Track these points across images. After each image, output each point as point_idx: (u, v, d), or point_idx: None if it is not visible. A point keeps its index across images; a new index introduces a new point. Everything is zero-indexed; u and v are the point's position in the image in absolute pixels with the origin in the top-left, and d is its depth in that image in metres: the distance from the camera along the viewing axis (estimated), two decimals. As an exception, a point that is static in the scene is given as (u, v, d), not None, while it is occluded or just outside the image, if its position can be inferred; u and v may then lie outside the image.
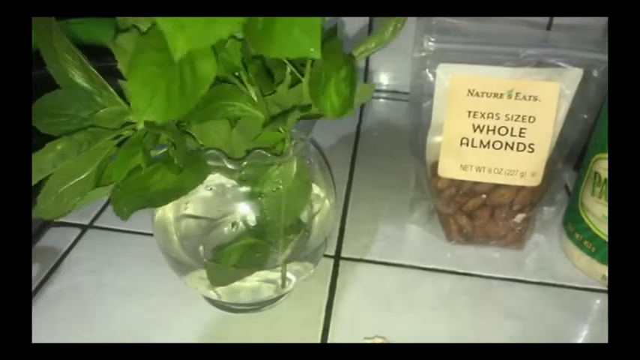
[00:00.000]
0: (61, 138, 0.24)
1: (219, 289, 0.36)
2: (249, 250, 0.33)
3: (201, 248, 0.37)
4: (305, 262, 0.38)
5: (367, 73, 0.72)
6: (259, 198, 0.34)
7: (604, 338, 0.38)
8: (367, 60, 0.72)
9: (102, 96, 0.25)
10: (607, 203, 0.40)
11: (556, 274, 0.44)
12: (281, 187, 0.33)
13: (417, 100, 0.43)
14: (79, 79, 0.24)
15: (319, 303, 0.40)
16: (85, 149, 0.24)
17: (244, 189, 0.34)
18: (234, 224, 0.34)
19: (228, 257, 0.32)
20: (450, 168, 0.43)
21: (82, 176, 0.25)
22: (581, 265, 0.43)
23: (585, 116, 0.42)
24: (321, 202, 0.38)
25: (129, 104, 0.26)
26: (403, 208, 0.50)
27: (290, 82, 0.30)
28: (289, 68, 0.29)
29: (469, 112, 0.42)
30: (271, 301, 0.40)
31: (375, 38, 0.30)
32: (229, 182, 0.35)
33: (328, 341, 0.37)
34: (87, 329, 0.37)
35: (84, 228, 0.47)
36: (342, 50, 0.28)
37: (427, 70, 0.41)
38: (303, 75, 0.28)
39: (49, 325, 0.37)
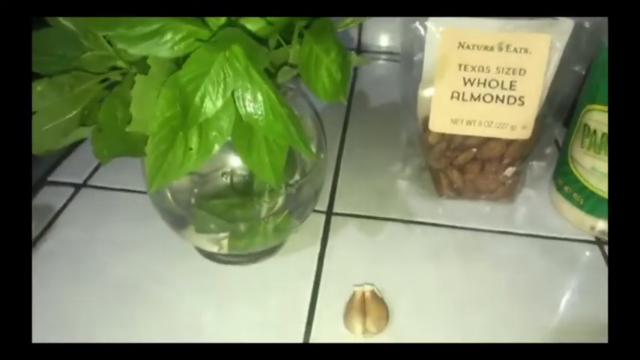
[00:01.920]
0: (41, 79, 0.24)
1: (223, 242, 0.37)
2: (231, 208, 0.33)
3: (192, 201, 0.37)
4: (295, 215, 0.39)
5: (361, 32, 0.72)
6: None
7: (591, 288, 0.39)
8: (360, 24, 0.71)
9: (88, 39, 0.25)
10: (596, 155, 0.40)
11: (545, 227, 0.44)
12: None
13: (408, 54, 0.43)
14: (65, 20, 0.24)
15: (311, 255, 0.41)
16: (68, 91, 0.24)
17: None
18: (224, 174, 0.34)
19: (214, 209, 0.32)
20: (440, 122, 0.43)
21: (67, 116, 0.25)
22: (570, 218, 0.44)
23: (576, 68, 0.42)
24: (314, 156, 0.38)
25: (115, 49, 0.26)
26: (395, 165, 0.50)
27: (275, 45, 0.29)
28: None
29: (460, 65, 0.41)
30: (264, 254, 0.40)
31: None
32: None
33: (319, 291, 0.38)
34: (82, 284, 0.38)
35: (77, 187, 0.47)
36: (332, 31, 0.28)
37: (417, 23, 0.41)
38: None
39: (44, 281, 0.38)
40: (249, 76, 0.25)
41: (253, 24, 0.26)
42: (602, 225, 0.42)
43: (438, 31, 0.41)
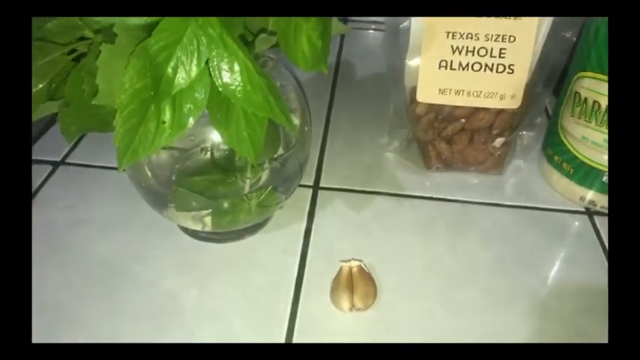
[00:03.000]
0: (3, 51, 0.22)
1: (207, 220, 0.36)
2: (213, 184, 0.32)
3: (173, 178, 0.36)
4: (280, 190, 0.38)
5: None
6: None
7: (580, 258, 0.39)
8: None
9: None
10: (587, 123, 0.39)
11: (535, 198, 0.44)
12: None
13: (394, 21, 0.41)
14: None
15: (298, 231, 0.40)
16: (32, 64, 0.22)
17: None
18: (203, 149, 0.33)
19: (194, 186, 0.31)
20: (428, 92, 0.42)
21: (33, 90, 0.23)
22: (559, 188, 0.43)
23: (567, 35, 0.40)
24: (296, 129, 0.37)
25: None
26: (382, 137, 0.49)
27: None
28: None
29: (448, 32, 0.40)
30: (249, 230, 0.39)
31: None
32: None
33: (306, 268, 0.37)
34: (63, 265, 0.37)
35: (55, 164, 0.46)
36: None
37: (404, -12, 0.40)
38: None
39: (23, 259, 0.37)
40: (225, 44, 0.23)
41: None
42: (591, 195, 0.41)
43: (425, -3, 0.39)
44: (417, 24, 0.40)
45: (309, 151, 0.40)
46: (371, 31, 0.68)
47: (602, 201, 0.41)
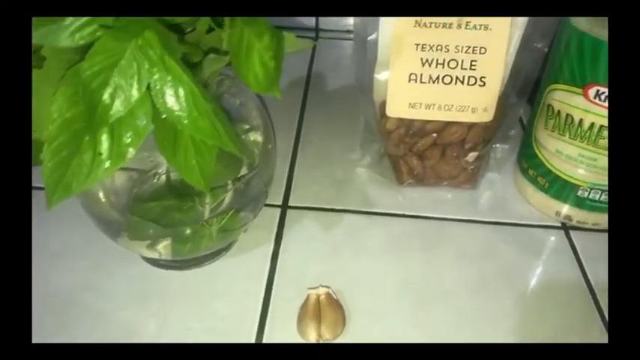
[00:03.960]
0: None
1: (160, 247, 0.34)
2: (169, 211, 0.30)
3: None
4: (244, 212, 0.36)
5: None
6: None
7: (558, 274, 0.38)
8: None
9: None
10: (560, 136, 0.38)
11: (510, 213, 0.42)
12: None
13: (362, 34, 0.40)
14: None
15: (264, 254, 0.38)
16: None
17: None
18: (156, 174, 0.31)
19: (148, 213, 0.29)
20: (398, 107, 0.41)
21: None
22: (535, 202, 0.42)
23: (539, 45, 0.39)
24: (260, 147, 0.35)
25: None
26: (354, 152, 0.47)
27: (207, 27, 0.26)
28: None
29: (417, 44, 0.39)
30: (213, 255, 0.37)
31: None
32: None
33: (272, 294, 0.35)
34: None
35: (7, 188, 0.43)
36: None
37: None
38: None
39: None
40: (167, 66, 0.21)
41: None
42: (567, 210, 0.40)
43: (392, 9, 0.38)
44: (385, 37, 0.39)
45: (274, 169, 0.38)
46: (344, 41, 0.67)
47: (578, 216, 0.40)
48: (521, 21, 0.38)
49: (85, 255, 0.38)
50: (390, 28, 0.38)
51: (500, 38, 0.38)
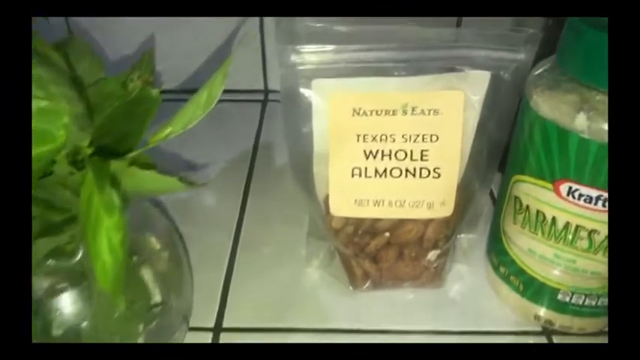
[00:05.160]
0: None
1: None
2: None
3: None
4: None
5: (267, 75, 0.63)
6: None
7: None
8: (264, 58, 0.62)
9: None
10: (533, 235, 0.32)
11: (483, 318, 0.36)
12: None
13: (295, 127, 0.34)
14: None
15: (190, 400, 0.31)
16: None
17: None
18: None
19: None
20: (342, 205, 0.35)
21: None
22: (510, 303, 0.36)
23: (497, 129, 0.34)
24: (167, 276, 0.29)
25: None
26: (302, 250, 0.41)
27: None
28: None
29: (358, 135, 0.33)
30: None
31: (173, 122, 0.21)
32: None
33: None
34: None
35: None
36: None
37: (300, 88, 0.33)
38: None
39: None
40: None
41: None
42: (547, 314, 0.34)
43: (326, 97, 0.33)
44: (321, 128, 0.33)
45: (191, 298, 0.32)
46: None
47: (559, 320, 0.34)
48: (477, 100, 0.33)
49: None
50: (325, 120, 0.33)
51: (453, 123, 0.33)
